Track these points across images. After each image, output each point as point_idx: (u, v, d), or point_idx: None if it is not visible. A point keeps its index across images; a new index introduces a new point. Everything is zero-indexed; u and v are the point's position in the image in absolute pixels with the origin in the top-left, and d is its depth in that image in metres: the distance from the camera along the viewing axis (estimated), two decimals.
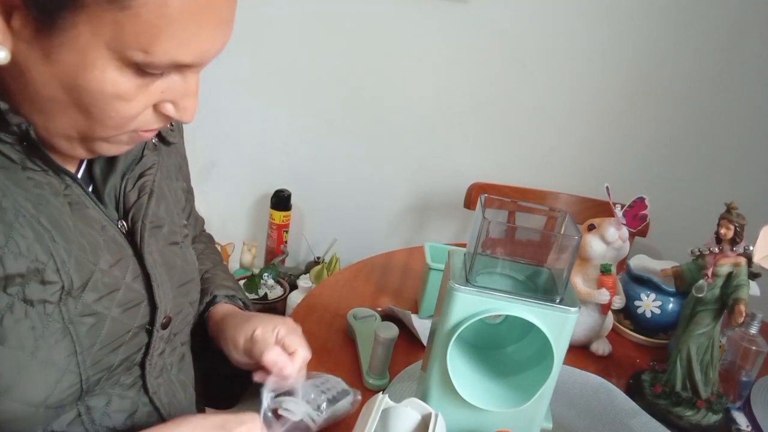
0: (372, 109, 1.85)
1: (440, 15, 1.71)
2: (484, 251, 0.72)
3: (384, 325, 0.89)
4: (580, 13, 1.66)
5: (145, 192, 0.66)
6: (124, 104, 0.51)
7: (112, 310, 0.60)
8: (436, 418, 0.65)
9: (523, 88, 1.76)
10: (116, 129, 0.54)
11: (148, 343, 0.66)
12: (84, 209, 0.59)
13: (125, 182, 0.65)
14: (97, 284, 0.58)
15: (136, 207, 0.65)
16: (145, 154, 0.68)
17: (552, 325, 0.69)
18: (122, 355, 0.62)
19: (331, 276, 1.29)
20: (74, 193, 0.59)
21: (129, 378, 0.66)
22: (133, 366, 0.66)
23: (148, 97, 0.52)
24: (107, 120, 0.52)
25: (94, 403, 0.62)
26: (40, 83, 0.49)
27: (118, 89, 0.50)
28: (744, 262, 0.87)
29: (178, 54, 0.49)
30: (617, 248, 1.01)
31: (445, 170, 1.88)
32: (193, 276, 0.75)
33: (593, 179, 1.63)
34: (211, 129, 1.92)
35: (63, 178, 0.58)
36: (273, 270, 1.84)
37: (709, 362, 0.90)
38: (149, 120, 0.55)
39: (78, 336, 0.57)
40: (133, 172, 0.66)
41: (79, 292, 0.57)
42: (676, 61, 1.67)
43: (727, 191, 1.22)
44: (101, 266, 0.59)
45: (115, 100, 0.50)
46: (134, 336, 0.63)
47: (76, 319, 0.57)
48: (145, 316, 0.64)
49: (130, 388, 0.66)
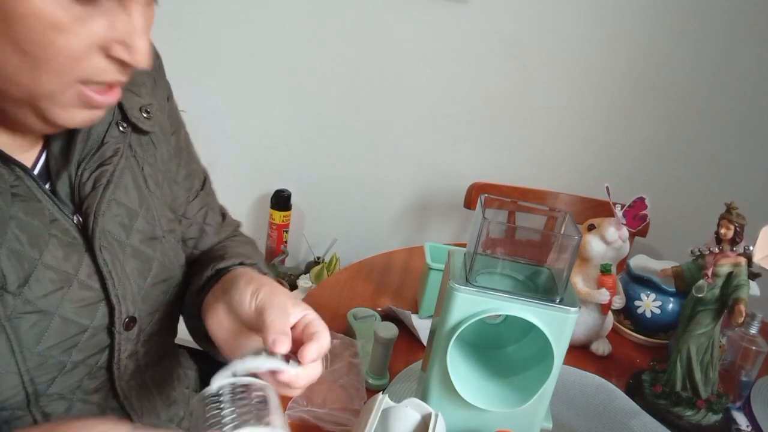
0: (372, 109, 1.85)
1: (440, 15, 1.71)
2: (484, 251, 0.72)
3: (384, 325, 0.89)
4: (580, 13, 1.66)
5: (101, 183, 0.61)
6: (62, 37, 0.47)
7: (61, 307, 0.56)
8: (436, 418, 0.65)
9: (523, 88, 1.76)
10: (59, 75, 0.49)
11: (111, 344, 0.62)
12: (32, 201, 0.56)
13: (81, 173, 0.60)
14: (41, 279, 0.55)
15: (89, 200, 0.60)
16: (106, 141, 0.62)
17: (552, 325, 0.69)
18: (77, 357, 0.59)
19: (331, 276, 1.29)
20: (23, 185, 0.55)
21: (94, 382, 0.63)
22: (98, 369, 0.62)
23: (89, 33, 0.48)
24: (47, 60, 0.48)
25: (52, 410, 0.59)
26: None
27: (54, 17, 0.46)
28: (744, 262, 0.87)
29: None
30: (617, 248, 1.01)
31: (445, 170, 1.88)
32: (174, 273, 0.70)
33: (593, 179, 1.63)
34: (211, 129, 1.92)
35: (13, 169, 0.55)
36: (273, 270, 1.84)
37: (709, 362, 0.90)
38: (99, 68, 0.50)
39: (17, 334, 0.54)
40: (91, 161, 0.61)
41: (16, 286, 0.53)
42: (676, 61, 1.67)
43: (727, 191, 1.22)
44: (45, 260, 0.55)
45: (51, 31, 0.46)
46: (92, 336, 0.60)
47: (14, 316, 0.53)
48: (104, 316, 0.60)
49: (94, 392, 0.63)
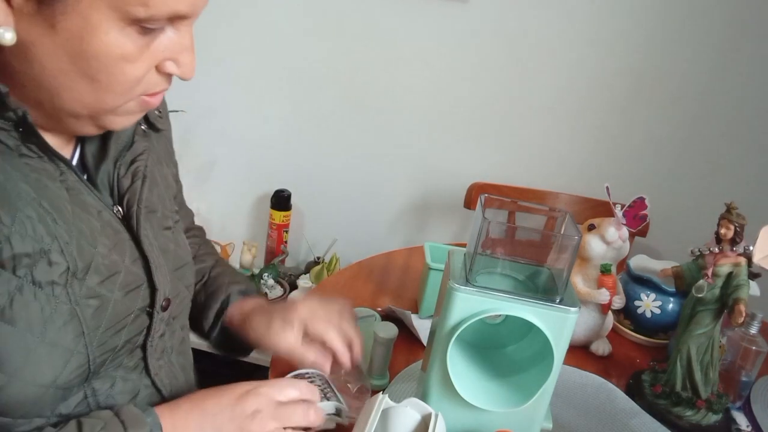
0: (372, 109, 1.85)
1: (440, 15, 1.71)
2: (484, 251, 0.72)
3: (384, 325, 0.89)
4: (581, 13, 1.66)
5: (138, 177, 0.67)
6: (129, 66, 0.52)
7: (114, 292, 0.61)
8: (436, 418, 0.65)
9: (523, 88, 1.76)
10: (124, 95, 0.54)
11: (149, 325, 0.67)
12: (80, 195, 0.60)
13: (118, 168, 0.65)
14: (99, 267, 0.59)
15: (130, 192, 0.66)
16: (135, 140, 0.68)
17: (552, 325, 0.69)
18: (125, 337, 0.64)
19: (331, 276, 1.29)
20: (69, 179, 0.59)
21: (132, 360, 0.67)
22: (136, 348, 0.67)
23: (151, 58, 0.53)
24: (115, 85, 0.53)
25: (99, 386, 0.63)
26: (46, 56, 0.50)
27: (124, 50, 0.51)
28: (744, 262, 0.87)
29: (175, 3, 0.50)
30: (617, 248, 1.01)
31: (445, 170, 1.88)
32: (187, 260, 0.76)
33: (593, 179, 1.63)
34: (210, 129, 1.92)
35: (58, 164, 0.58)
36: (273, 270, 1.84)
37: (709, 362, 0.90)
38: (154, 82, 0.56)
39: (84, 318, 0.58)
40: (125, 158, 0.66)
41: (83, 274, 0.58)
42: (676, 61, 1.67)
43: (727, 191, 1.22)
44: (100, 250, 0.60)
45: (121, 62, 0.51)
46: (136, 318, 0.65)
47: (81, 301, 0.58)
48: (145, 299, 0.66)
49: (132, 370, 0.67)
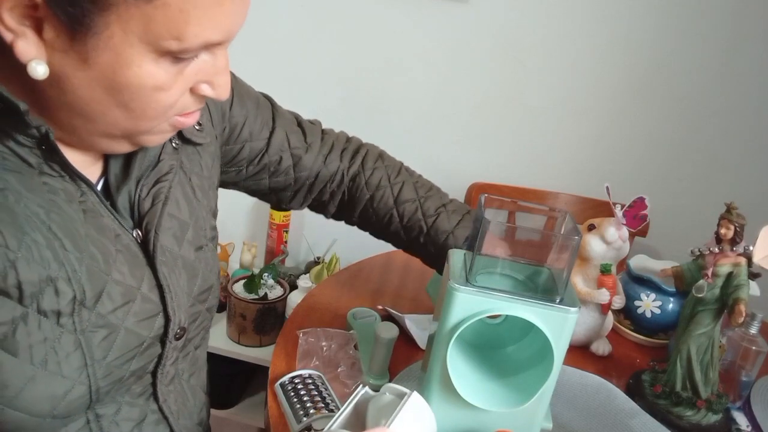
0: (372, 109, 1.85)
1: (440, 15, 1.71)
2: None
3: (384, 325, 0.89)
4: (581, 13, 1.66)
5: (159, 200, 0.65)
6: (164, 94, 0.52)
7: (126, 320, 0.59)
8: (408, 397, 0.61)
9: (523, 88, 1.76)
10: (158, 120, 0.54)
11: (161, 353, 0.65)
12: (98, 218, 0.58)
13: (140, 189, 0.63)
14: (112, 294, 0.57)
15: (149, 216, 0.63)
16: (162, 158, 0.66)
17: (552, 325, 0.69)
18: (134, 366, 0.61)
19: (331, 276, 1.29)
20: (89, 200, 0.57)
21: (139, 387, 0.65)
22: (145, 374, 0.65)
23: (185, 82, 0.53)
24: (149, 112, 0.53)
25: (104, 411, 0.61)
26: (80, 88, 0.50)
27: (158, 81, 0.50)
28: (744, 262, 0.87)
29: (208, 34, 0.50)
30: (617, 248, 1.01)
31: (445, 170, 1.88)
32: (213, 282, 0.73)
33: (593, 179, 1.63)
34: None
35: (79, 185, 0.57)
36: (273, 270, 1.83)
37: (709, 362, 0.90)
38: (187, 104, 0.56)
39: (89, 348, 0.56)
40: (149, 178, 0.64)
41: (93, 302, 0.56)
42: (676, 61, 1.67)
43: (727, 191, 1.22)
44: (114, 276, 0.58)
45: (155, 92, 0.51)
46: (148, 347, 0.62)
47: (89, 329, 0.56)
48: (159, 328, 0.63)
49: (139, 396, 0.65)
